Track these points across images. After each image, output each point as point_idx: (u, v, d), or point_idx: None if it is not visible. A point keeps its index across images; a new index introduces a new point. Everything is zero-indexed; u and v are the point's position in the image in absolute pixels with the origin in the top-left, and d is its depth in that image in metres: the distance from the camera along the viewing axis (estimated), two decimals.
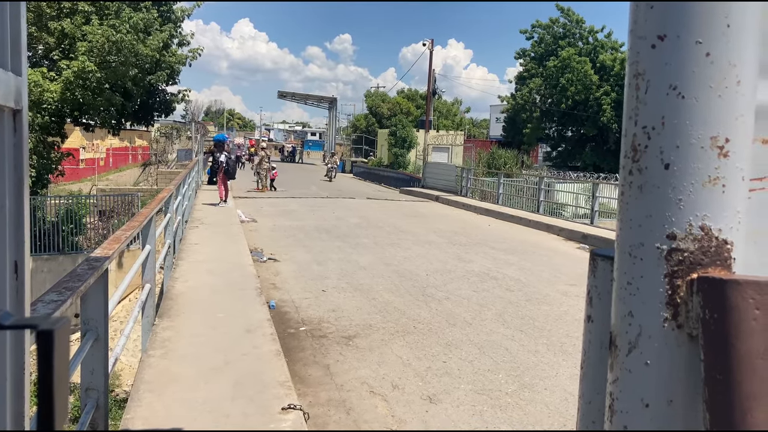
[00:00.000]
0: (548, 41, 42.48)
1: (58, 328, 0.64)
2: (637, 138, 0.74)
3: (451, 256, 10.92)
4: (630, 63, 0.76)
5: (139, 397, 3.93)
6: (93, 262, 2.89)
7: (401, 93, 53.58)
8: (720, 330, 0.65)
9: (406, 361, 5.70)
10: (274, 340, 5.27)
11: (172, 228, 8.23)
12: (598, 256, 0.88)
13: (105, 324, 2.94)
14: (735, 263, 0.71)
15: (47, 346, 0.63)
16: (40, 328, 0.63)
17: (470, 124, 68.15)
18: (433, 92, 36.73)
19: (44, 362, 0.63)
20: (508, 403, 4.89)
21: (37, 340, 0.63)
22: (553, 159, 44.02)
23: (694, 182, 0.70)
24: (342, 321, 6.84)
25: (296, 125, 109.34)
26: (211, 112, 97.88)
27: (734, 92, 0.70)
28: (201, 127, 55.29)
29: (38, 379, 0.63)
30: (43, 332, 0.63)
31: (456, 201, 20.55)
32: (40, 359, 0.63)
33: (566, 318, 7.24)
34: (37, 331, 0.63)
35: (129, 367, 12.50)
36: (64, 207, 18.50)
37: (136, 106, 19.54)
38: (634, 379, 0.74)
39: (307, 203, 19.39)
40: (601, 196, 16.67)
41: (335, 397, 4.86)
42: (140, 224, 4.91)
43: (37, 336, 0.63)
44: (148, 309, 5.45)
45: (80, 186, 30.90)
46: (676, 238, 0.71)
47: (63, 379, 0.65)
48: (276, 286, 8.35)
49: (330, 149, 51.66)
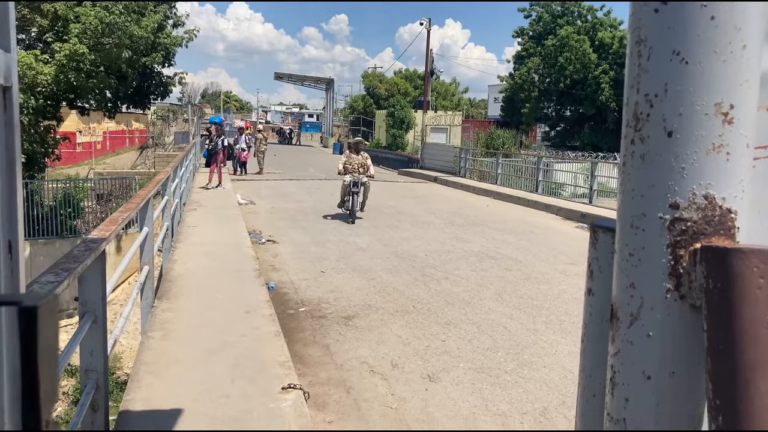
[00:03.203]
0: (546, 20, 42.14)
1: (43, 304, 0.59)
2: (639, 106, 0.72)
3: (449, 237, 10.92)
4: (632, 30, 0.74)
5: (139, 378, 3.95)
6: (90, 243, 2.87)
7: (399, 73, 53.24)
8: (723, 300, 0.64)
9: (405, 340, 5.72)
10: (273, 321, 5.28)
11: (170, 210, 8.21)
12: (599, 228, 0.87)
13: (103, 305, 2.93)
14: (739, 233, 0.70)
15: (30, 324, 0.57)
16: (22, 304, 0.58)
17: (468, 104, 67.84)
18: (430, 72, 36.53)
19: (27, 343, 0.57)
20: (507, 381, 4.91)
21: (19, 319, 0.58)
22: (551, 139, 43.87)
23: (698, 150, 0.69)
24: (341, 301, 6.86)
25: (293, 107, 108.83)
26: (208, 94, 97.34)
27: (739, 57, 0.68)
28: (198, 109, 55.03)
29: (21, 362, 0.58)
30: (26, 309, 0.57)
31: (454, 182, 20.52)
32: (22, 340, 0.58)
33: (565, 296, 7.26)
34: (19, 308, 0.58)
35: (130, 349, 12.57)
36: (61, 191, 18.45)
37: (131, 88, 19.41)
38: (636, 351, 0.73)
39: (305, 185, 19.35)
40: (599, 175, 16.65)
41: (335, 377, 4.88)
42: (137, 206, 4.89)
43: (19, 314, 0.58)
44: (146, 291, 5.45)
45: (77, 170, 30.79)
46: (679, 207, 0.69)
47: (49, 361, 0.60)
48: (275, 267, 8.36)
49: (328, 132, 51.24)
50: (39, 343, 0.58)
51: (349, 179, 12.27)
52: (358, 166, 12.61)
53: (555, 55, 40.06)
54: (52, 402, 0.61)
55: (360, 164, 12.64)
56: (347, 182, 12.22)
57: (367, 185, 12.47)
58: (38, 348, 0.58)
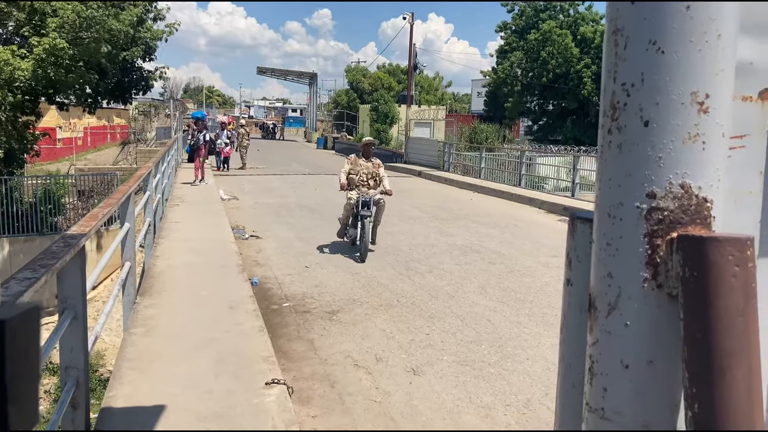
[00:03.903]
0: (529, 14, 42.27)
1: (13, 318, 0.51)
2: (616, 95, 0.72)
3: (433, 231, 10.94)
4: (609, 19, 0.74)
5: (121, 375, 3.91)
6: (69, 239, 2.84)
7: (382, 68, 53.14)
8: (700, 288, 0.64)
9: (389, 334, 5.73)
10: (257, 317, 5.26)
11: (152, 206, 8.14)
12: (577, 219, 0.87)
13: (83, 302, 2.90)
14: (715, 222, 0.70)
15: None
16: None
17: (452, 98, 67.94)
18: (414, 67, 36.45)
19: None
20: (490, 374, 4.94)
21: None
22: (534, 133, 44.07)
23: (674, 139, 0.69)
24: (325, 296, 6.85)
25: (277, 102, 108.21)
26: (190, 89, 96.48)
27: (714, 46, 0.68)
28: (180, 104, 54.57)
29: None
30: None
31: (438, 176, 20.56)
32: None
33: (548, 289, 7.31)
34: None
35: (113, 346, 12.45)
36: (41, 187, 18.19)
37: (112, 83, 19.14)
38: (614, 340, 0.73)
39: (289, 180, 19.28)
40: (581, 168, 16.77)
41: (319, 371, 4.88)
42: (118, 201, 4.84)
43: None
44: (128, 287, 5.40)
45: (58, 166, 30.43)
46: (655, 196, 0.69)
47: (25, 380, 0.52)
48: (258, 263, 8.33)
49: (311, 126, 51.02)
50: (7, 362, 0.50)
51: (355, 197, 8.67)
52: (368, 178, 8.99)
53: (537, 49, 40.21)
54: (29, 424, 0.54)
55: (370, 175, 9.01)
56: (353, 201, 8.68)
57: (381, 205, 8.87)
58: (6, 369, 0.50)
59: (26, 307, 0.53)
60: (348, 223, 8.92)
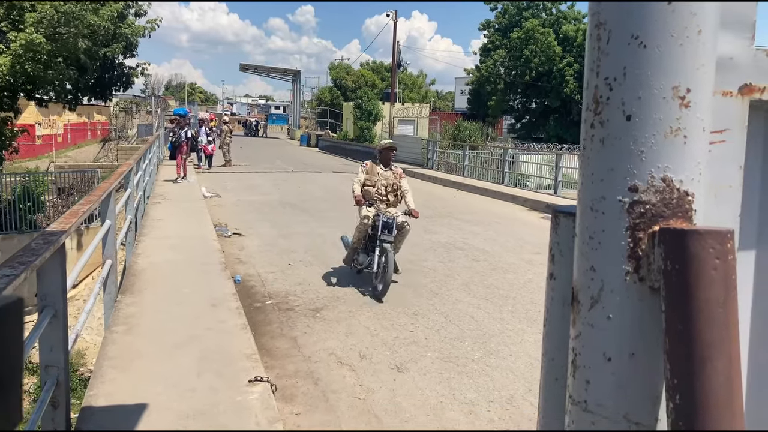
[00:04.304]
0: (512, 12, 42.47)
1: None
2: (599, 90, 0.73)
3: (417, 228, 10.94)
4: (591, 13, 0.74)
5: (102, 373, 3.87)
6: (49, 236, 2.80)
7: (366, 65, 53.11)
8: (681, 280, 0.65)
9: (373, 331, 5.73)
10: (239, 314, 5.23)
11: (133, 204, 8.06)
12: (560, 213, 0.87)
13: (63, 300, 2.86)
14: (696, 215, 0.71)
15: None
16: None
17: (435, 96, 68.05)
18: (398, 64, 36.53)
19: None
20: (474, 370, 4.96)
21: None
22: (517, 131, 44.30)
23: (656, 133, 0.69)
24: (309, 294, 6.83)
25: (260, 99, 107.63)
26: (172, 86, 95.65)
27: (695, 41, 0.69)
28: (161, 101, 54.09)
29: None
30: None
31: (422, 173, 20.60)
32: None
33: (531, 286, 7.35)
34: None
35: (94, 345, 12.32)
36: (20, 185, 17.94)
37: (92, 79, 18.92)
38: (597, 333, 0.73)
39: (272, 177, 19.20)
40: (564, 166, 16.88)
41: (303, 369, 4.86)
42: (99, 198, 4.78)
43: None
44: (109, 285, 5.34)
45: (37, 163, 29.98)
46: (638, 190, 0.70)
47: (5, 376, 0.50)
48: (241, 260, 8.28)
49: (295, 124, 50.80)
50: None
51: (372, 215, 7.03)
52: (387, 191, 7.32)
53: (520, 47, 40.41)
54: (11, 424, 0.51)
55: (390, 187, 7.34)
56: (369, 222, 6.99)
57: (406, 230, 7.11)
58: None
59: (9, 300, 0.51)
60: (359, 247, 7.29)
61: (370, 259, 6.99)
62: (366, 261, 7.14)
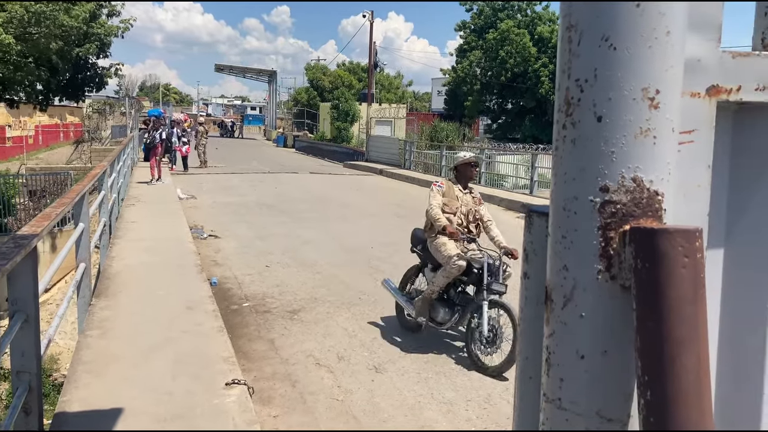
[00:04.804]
0: (488, 13, 42.69)
1: None
2: (570, 91, 0.73)
3: (395, 228, 10.96)
4: (563, 15, 0.75)
5: (77, 378, 3.81)
6: (20, 239, 2.75)
7: (342, 66, 52.97)
8: (651, 278, 0.66)
9: (351, 332, 5.72)
10: (216, 317, 5.19)
11: (107, 206, 7.94)
12: (534, 213, 0.88)
13: (35, 304, 2.81)
14: (666, 214, 0.72)
15: None
16: None
17: (412, 97, 68.16)
18: (374, 65, 36.53)
19: None
20: (452, 370, 4.98)
21: None
22: (493, 131, 44.54)
23: (626, 134, 0.70)
24: (286, 296, 6.80)
25: (235, 99, 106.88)
26: (146, 87, 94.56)
27: (664, 43, 0.70)
28: (135, 102, 53.38)
29: None
30: None
31: (399, 174, 20.64)
32: None
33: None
34: None
35: (68, 350, 12.12)
36: None
37: (64, 80, 18.64)
38: (570, 331, 0.74)
39: (249, 178, 19.07)
40: (540, 166, 17.02)
41: (280, 371, 4.84)
42: (72, 201, 4.70)
43: None
44: (83, 289, 5.26)
45: (7, 165, 29.38)
46: (609, 190, 0.71)
47: None
48: (217, 262, 8.22)
49: (271, 124, 50.52)
50: None
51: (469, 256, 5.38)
52: (468, 221, 5.72)
53: (496, 48, 40.66)
54: None
55: (473, 216, 5.79)
56: (462, 263, 5.27)
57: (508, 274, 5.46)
58: None
59: None
60: (435, 297, 5.36)
61: (460, 316, 5.28)
62: (449, 316, 5.33)
